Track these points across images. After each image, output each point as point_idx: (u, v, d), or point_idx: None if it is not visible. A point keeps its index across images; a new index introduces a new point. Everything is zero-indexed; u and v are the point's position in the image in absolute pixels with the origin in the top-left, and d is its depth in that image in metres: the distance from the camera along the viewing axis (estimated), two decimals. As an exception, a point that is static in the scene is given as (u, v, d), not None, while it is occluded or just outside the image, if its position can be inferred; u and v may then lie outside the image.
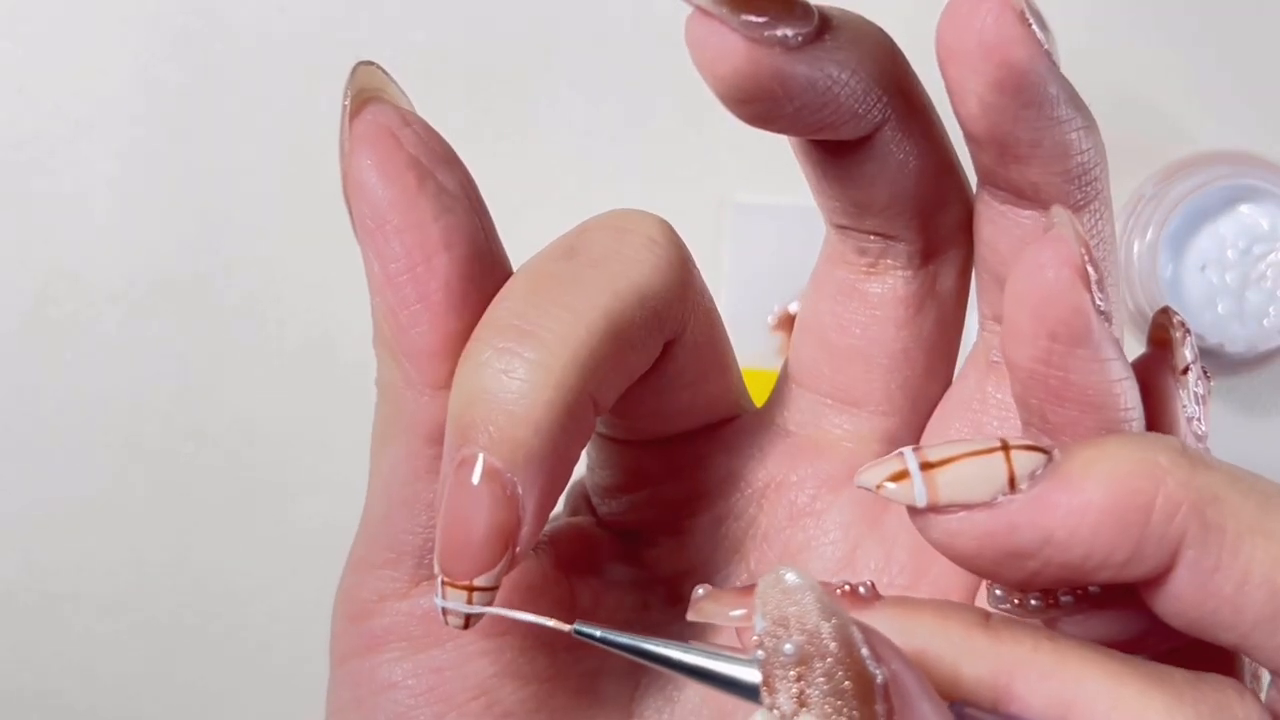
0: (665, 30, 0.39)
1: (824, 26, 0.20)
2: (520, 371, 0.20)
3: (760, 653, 0.16)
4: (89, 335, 0.40)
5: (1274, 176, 0.35)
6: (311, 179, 0.40)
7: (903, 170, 0.22)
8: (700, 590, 0.19)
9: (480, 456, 0.19)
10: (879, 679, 0.16)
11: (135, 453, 0.40)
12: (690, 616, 0.20)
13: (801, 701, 0.16)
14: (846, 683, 0.16)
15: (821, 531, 0.24)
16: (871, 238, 0.23)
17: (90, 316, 0.40)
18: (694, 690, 0.24)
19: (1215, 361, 0.36)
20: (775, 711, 0.16)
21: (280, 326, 0.40)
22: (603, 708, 0.24)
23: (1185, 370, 0.20)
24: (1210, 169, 0.36)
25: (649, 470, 0.25)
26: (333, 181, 0.41)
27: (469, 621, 0.20)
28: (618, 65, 0.39)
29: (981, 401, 0.23)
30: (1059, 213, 0.18)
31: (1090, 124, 0.21)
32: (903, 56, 0.21)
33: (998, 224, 0.22)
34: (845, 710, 0.16)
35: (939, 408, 0.24)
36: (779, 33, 0.19)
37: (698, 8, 0.19)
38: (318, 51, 0.40)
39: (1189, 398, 0.20)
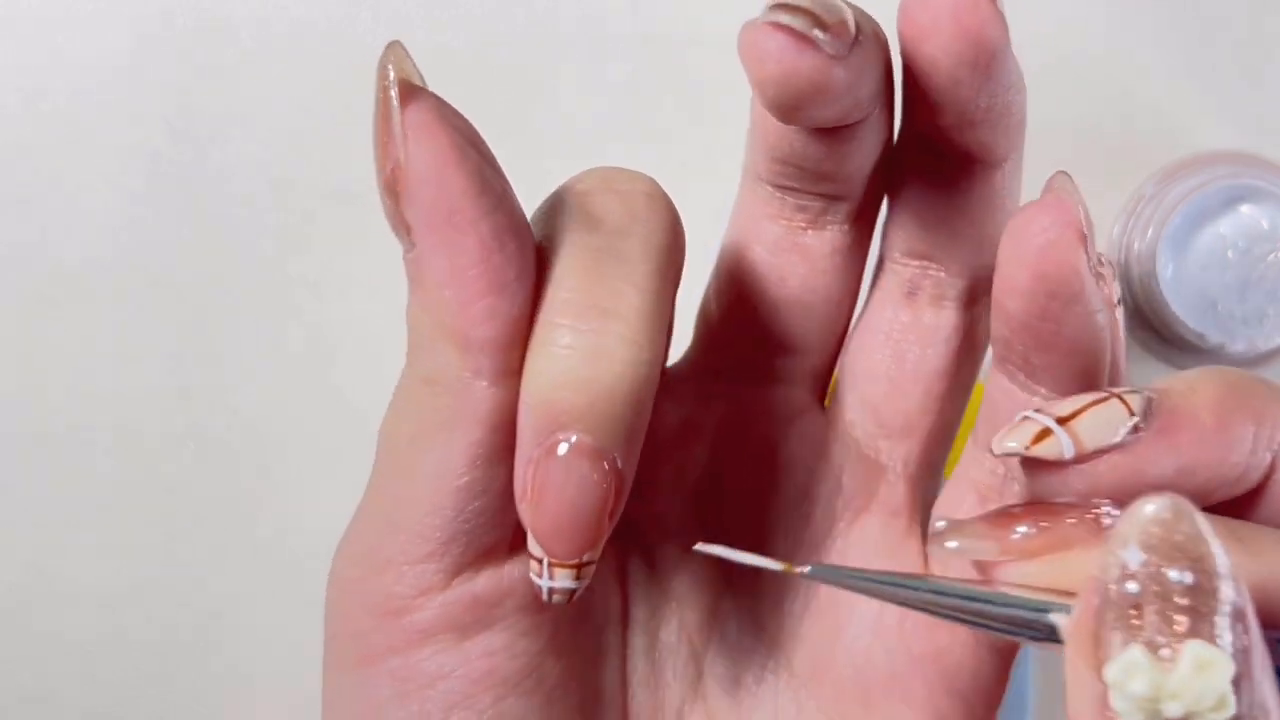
0: (666, 31, 0.39)
1: (858, 33, 0.21)
2: (612, 350, 0.20)
3: (1131, 585, 0.17)
4: (89, 335, 0.40)
5: (1274, 176, 0.35)
6: (313, 179, 0.40)
7: (874, 148, 0.23)
8: (940, 523, 0.20)
9: (578, 438, 0.20)
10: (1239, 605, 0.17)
11: (135, 453, 0.40)
12: (938, 550, 0.20)
13: (1176, 631, 0.16)
14: (1227, 606, 0.17)
15: (776, 467, 0.25)
16: (816, 198, 0.24)
17: (90, 317, 0.40)
18: (675, 630, 0.25)
19: (1216, 361, 0.36)
20: (1152, 647, 0.16)
21: (280, 327, 0.40)
22: (607, 658, 0.25)
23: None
24: (1210, 169, 0.36)
25: None
26: (333, 181, 0.41)
27: (572, 597, 0.20)
28: (619, 66, 0.39)
29: (900, 330, 0.24)
30: (1061, 177, 0.20)
31: (1022, 84, 0.22)
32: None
33: (929, 171, 0.23)
34: (1233, 628, 0.17)
35: (855, 338, 0.25)
36: (830, 43, 0.20)
37: (775, 25, 0.20)
38: (319, 51, 0.40)
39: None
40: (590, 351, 0.20)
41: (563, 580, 0.20)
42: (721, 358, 0.26)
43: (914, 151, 0.24)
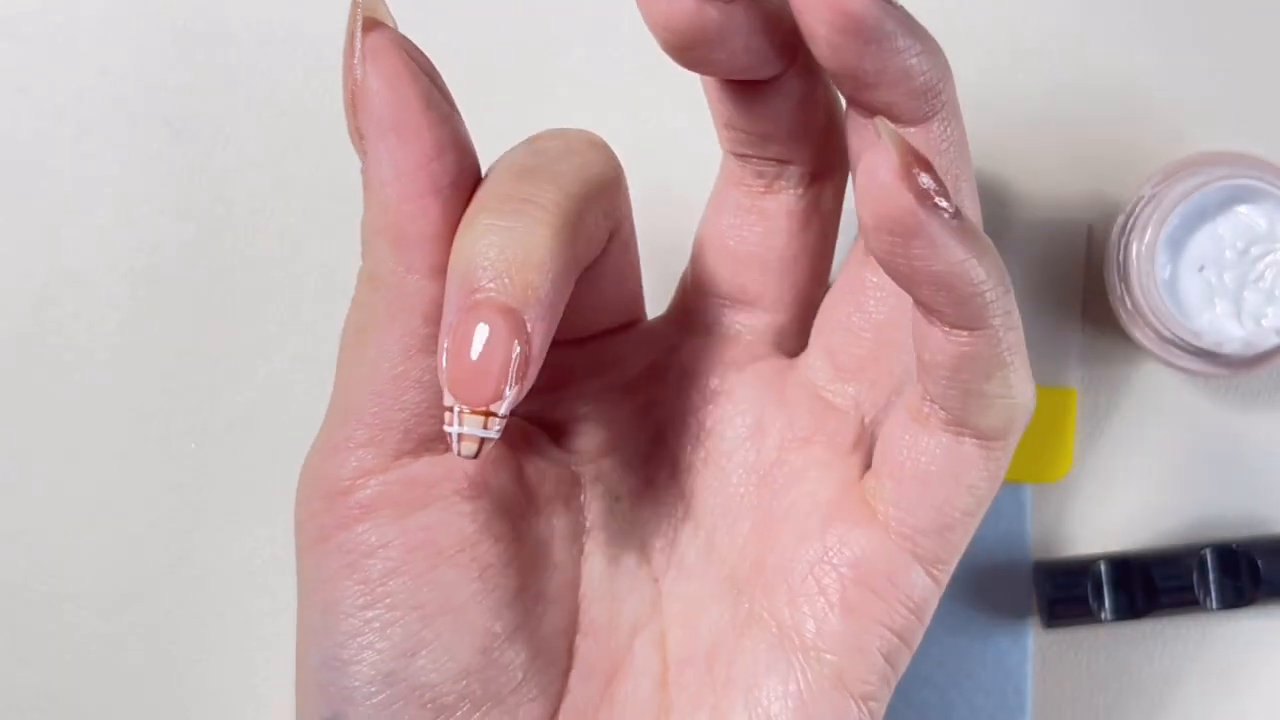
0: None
1: None
2: (524, 226, 0.22)
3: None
4: (89, 335, 0.40)
5: (1273, 177, 0.35)
6: (314, 178, 0.40)
7: (803, 105, 0.26)
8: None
9: (493, 296, 0.22)
10: None
11: (135, 452, 0.40)
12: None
13: None
14: None
15: (732, 405, 0.28)
16: (770, 163, 0.27)
17: (90, 317, 0.40)
18: (635, 555, 0.28)
19: (1213, 361, 0.36)
20: None
21: (281, 327, 0.40)
22: (557, 568, 0.27)
23: None
24: (1209, 169, 0.36)
25: (573, 369, 0.28)
26: (335, 181, 0.41)
27: (481, 448, 0.22)
28: (619, 64, 0.39)
29: (861, 284, 0.27)
30: (881, 125, 0.22)
31: (928, 48, 0.24)
32: None
33: (863, 136, 0.26)
34: None
35: (829, 294, 0.28)
36: None
37: None
38: (320, 51, 0.40)
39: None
40: (506, 227, 0.22)
41: (471, 426, 0.22)
42: (690, 312, 0.29)
43: (852, 117, 0.26)
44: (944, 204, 0.21)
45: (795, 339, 0.29)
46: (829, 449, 0.27)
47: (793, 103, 0.26)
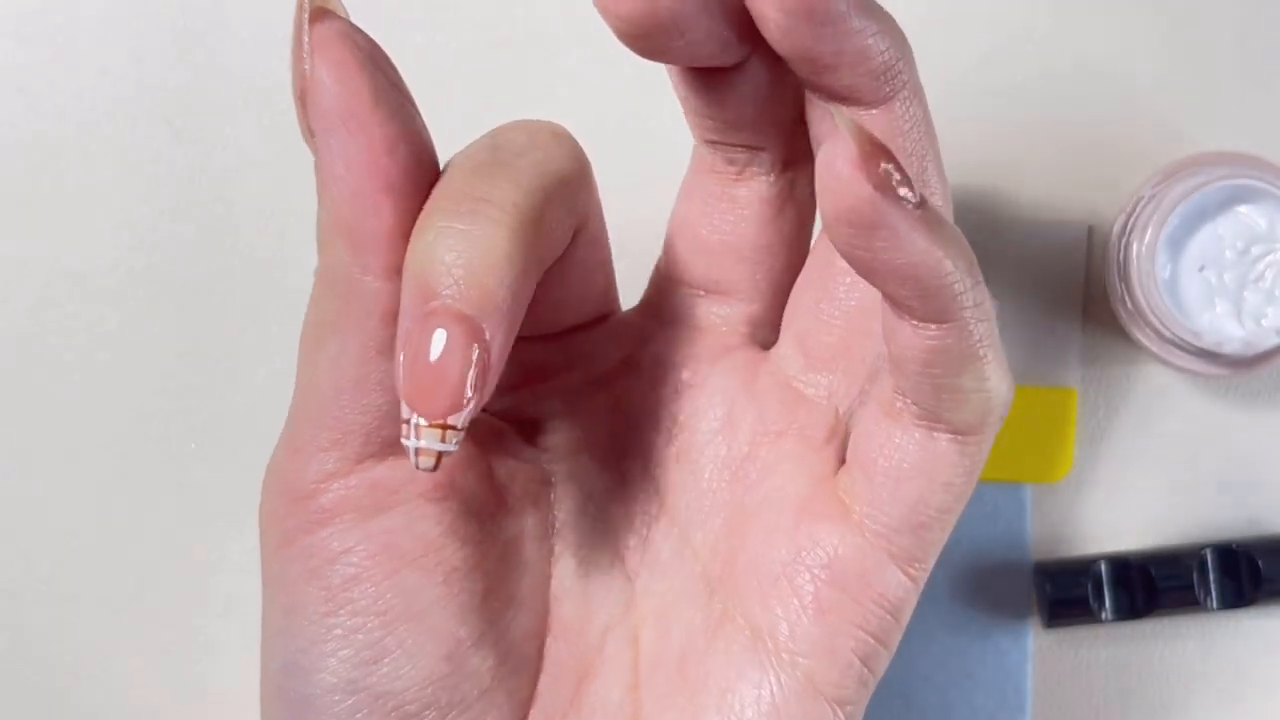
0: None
1: None
2: (481, 228, 0.21)
3: None
4: (89, 335, 0.40)
5: (1273, 177, 0.35)
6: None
7: (770, 90, 0.25)
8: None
9: (449, 303, 0.21)
10: None
11: (135, 452, 0.40)
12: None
13: None
14: None
15: (705, 398, 0.27)
16: (740, 150, 0.26)
17: (90, 316, 0.40)
18: (607, 555, 0.27)
19: (1213, 361, 0.36)
20: None
21: (281, 327, 0.40)
22: (526, 569, 0.26)
23: None
24: (1209, 169, 0.36)
25: (545, 364, 0.27)
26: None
27: (439, 461, 0.21)
28: (616, 66, 0.39)
29: (831, 269, 0.26)
30: (837, 112, 0.21)
31: (885, 26, 0.23)
32: None
33: (825, 121, 0.25)
34: None
35: (798, 280, 0.27)
36: None
37: None
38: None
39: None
40: (462, 230, 0.21)
41: (429, 440, 0.21)
42: (663, 304, 0.28)
43: (811, 101, 0.25)
44: (907, 193, 0.20)
45: (772, 330, 0.28)
46: (801, 442, 0.26)
47: (759, 88, 0.25)
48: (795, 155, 0.27)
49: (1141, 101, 0.39)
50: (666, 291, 0.28)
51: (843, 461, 0.26)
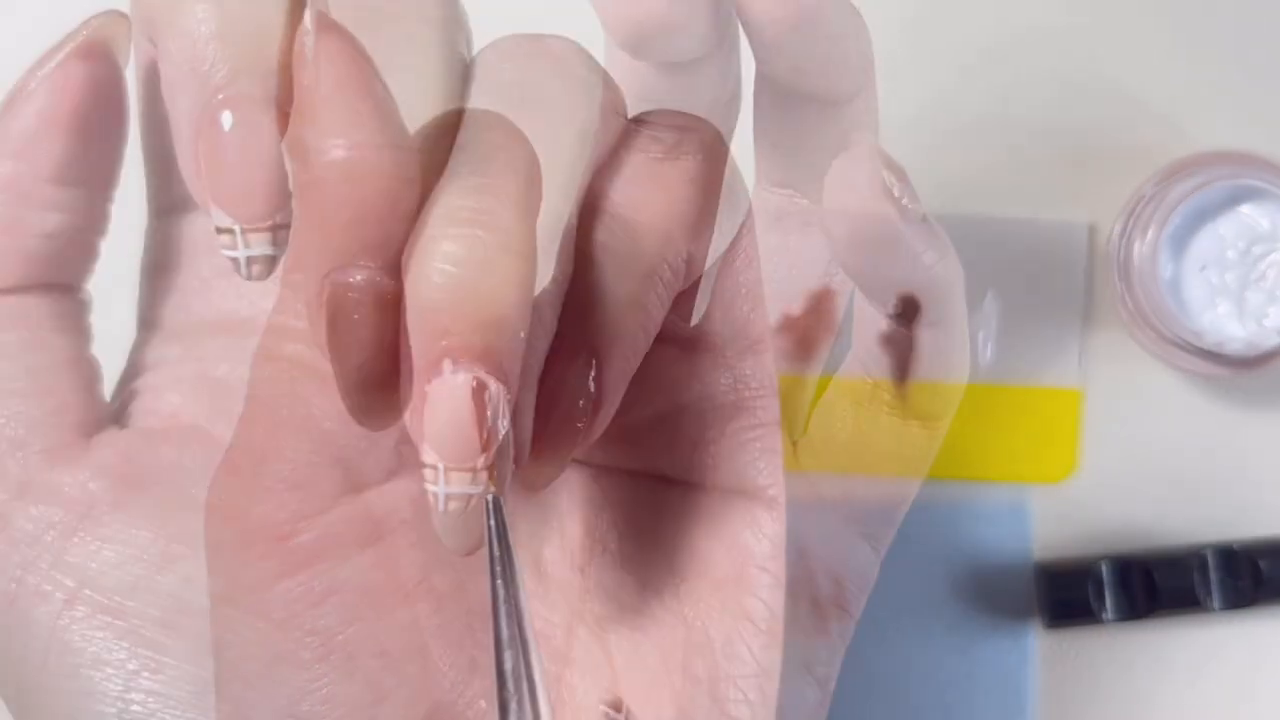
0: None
1: None
2: (485, 255, 0.19)
3: None
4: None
5: (1274, 176, 0.35)
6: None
7: (718, 84, 0.26)
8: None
9: (463, 340, 0.19)
10: None
11: (135, 453, 0.40)
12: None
13: None
14: None
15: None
16: (672, 129, 0.25)
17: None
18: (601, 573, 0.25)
19: (1215, 361, 0.36)
20: None
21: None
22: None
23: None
24: (1210, 169, 0.36)
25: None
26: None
27: (470, 502, 0.19)
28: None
29: (769, 253, 0.26)
30: (855, 136, 0.22)
31: (859, 29, 0.25)
32: None
33: (780, 108, 0.26)
34: None
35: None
36: None
37: None
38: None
39: None
40: (465, 257, 0.19)
41: (459, 485, 0.19)
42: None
43: (772, 93, 0.26)
44: (913, 206, 0.22)
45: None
46: (751, 421, 0.26)
47: (714, 79, 0.26)
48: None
49: (1143, 101, 0.39)
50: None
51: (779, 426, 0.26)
